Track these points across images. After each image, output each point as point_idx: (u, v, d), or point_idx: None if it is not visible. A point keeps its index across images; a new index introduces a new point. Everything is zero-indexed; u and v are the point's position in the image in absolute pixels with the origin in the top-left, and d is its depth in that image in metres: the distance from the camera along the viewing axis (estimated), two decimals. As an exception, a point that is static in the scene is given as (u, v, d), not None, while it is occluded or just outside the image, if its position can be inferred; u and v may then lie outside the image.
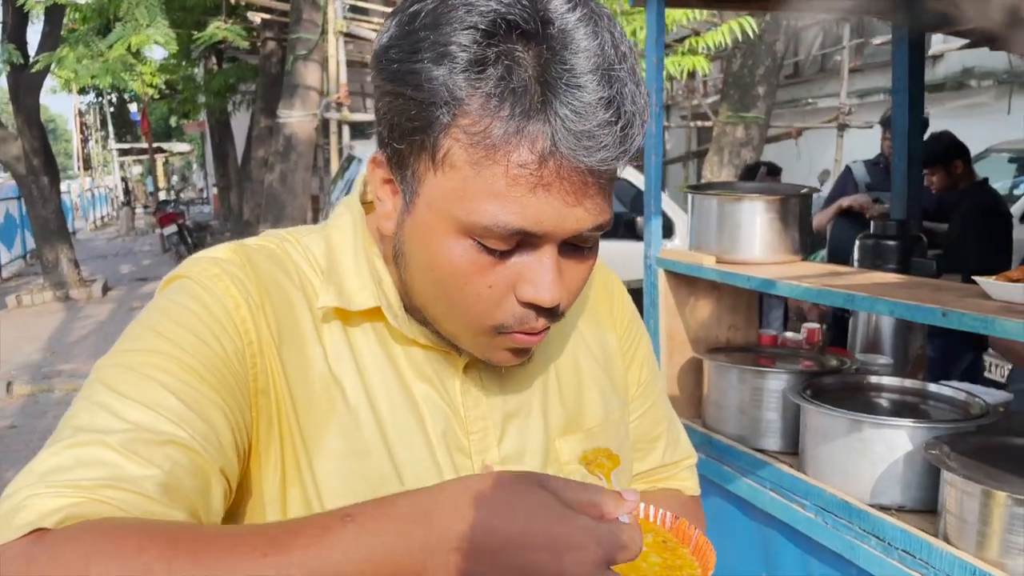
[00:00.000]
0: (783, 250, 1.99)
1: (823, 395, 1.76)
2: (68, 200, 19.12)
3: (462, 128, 0.64)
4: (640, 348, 0.98)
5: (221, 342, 0.70)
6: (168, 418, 0.63)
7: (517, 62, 0.63)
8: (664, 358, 2.15)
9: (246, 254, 0.76)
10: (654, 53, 2.05)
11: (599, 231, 0.70)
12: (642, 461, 0.98)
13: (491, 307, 0.70)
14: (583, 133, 0.62)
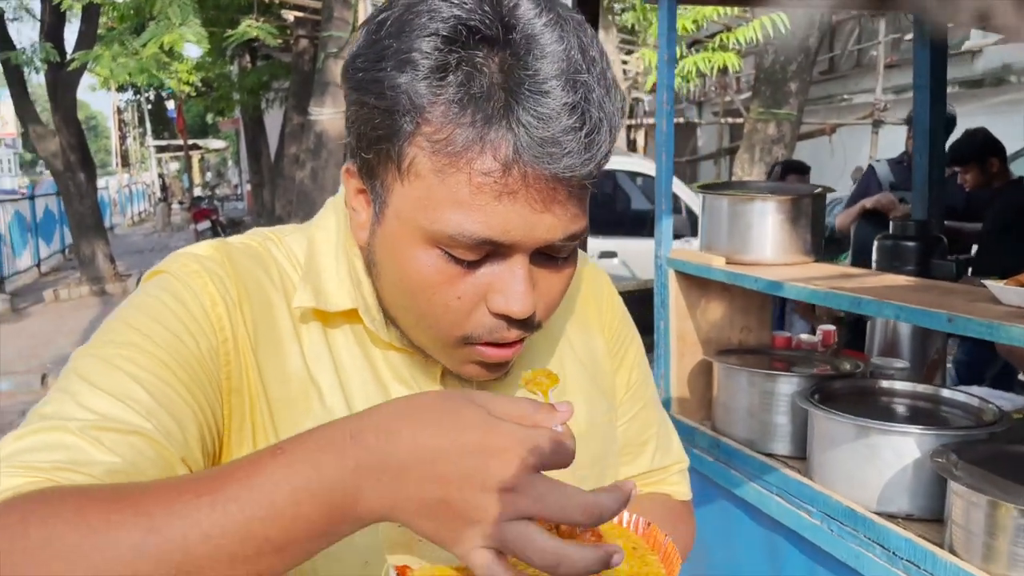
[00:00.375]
0: (795, 251, 1.95)
1: (832, 400, 1.73)
2: (106, 196, 19.49)
3: (425, 136, 0.63)
4: (630, 350, 0.96)
5: (195, 338, 0.69)
6: (135, 410, 0.63)
7: (478, 68, 0.62)
8: (674, 360, 2.13)
9: (227, 251, 0.76)
10: (666, 51, 2.02)
11: (573, 240, 0.68)
12: (631, 465, 0.96)
13: (460, 317, 0.69)
14: (547, 140, 0.61)
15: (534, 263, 0.68)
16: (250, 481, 0.53)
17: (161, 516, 0.52)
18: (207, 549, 0.52)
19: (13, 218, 11.50)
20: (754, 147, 8.44)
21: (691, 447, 2.05)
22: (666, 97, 2.06)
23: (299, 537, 0.54)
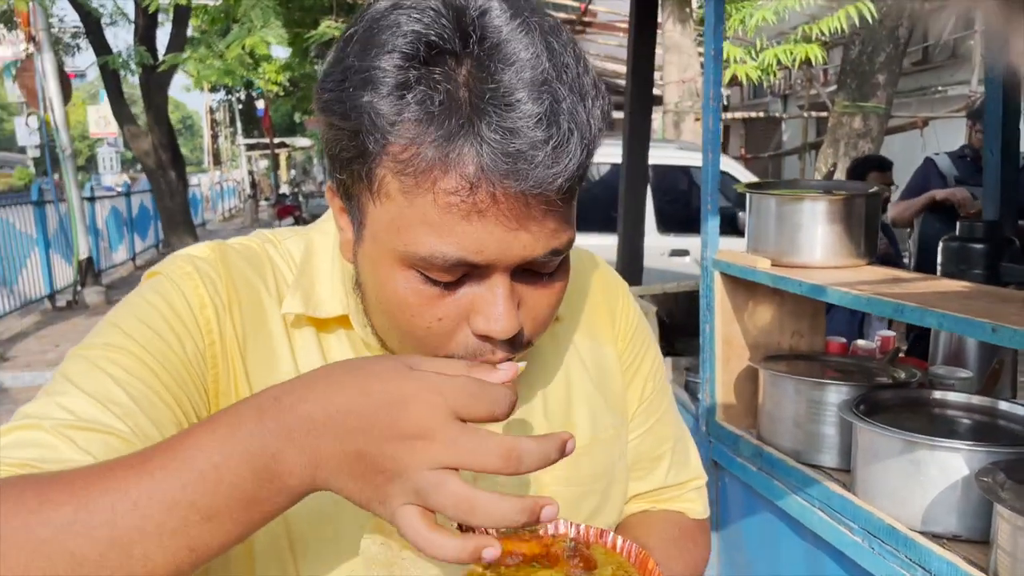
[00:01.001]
0: (845, 254, 1.86)
1: (880, 411, 1.64)
2: (199, 193, 20.29)
3: (391, 156, 0.61)
4: (645, 361, 0.93)
5: (181, 341, 0.70)
6: (112, 411, 0.64)
7: (438, 84, 0.59)
8: (720, 364, 2.06)
9: (223, 253, 0.76)
10: (712, 45, 1.96)
11: (555, 256, 0.65)
12: (643, 480, 0.94)
13: (443, 340, 0.66)
14: (512, 154, 0.58)
15: (519, 280, 0.66)
16: (176, 450, 0.54)
17: (93, 491, 0.52)
18: (135, 520, 0.51)
19: (110, 214, 12.07)
20: (839, 142, 8.15)
21: (734, 455, 1.98)
22: (712, 93, 1.99)
23: (226, 505, 0.53)
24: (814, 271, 1.83)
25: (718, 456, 2.07)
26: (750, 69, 9.01)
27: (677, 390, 2.42)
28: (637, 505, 0.95)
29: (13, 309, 8.26)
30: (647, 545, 0.87)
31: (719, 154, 2.00)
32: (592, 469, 0.84)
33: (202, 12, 9.77)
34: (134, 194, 13.68)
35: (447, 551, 0.52)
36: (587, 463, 0.83)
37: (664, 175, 6.62)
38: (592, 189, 5.99)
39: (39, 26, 8.38)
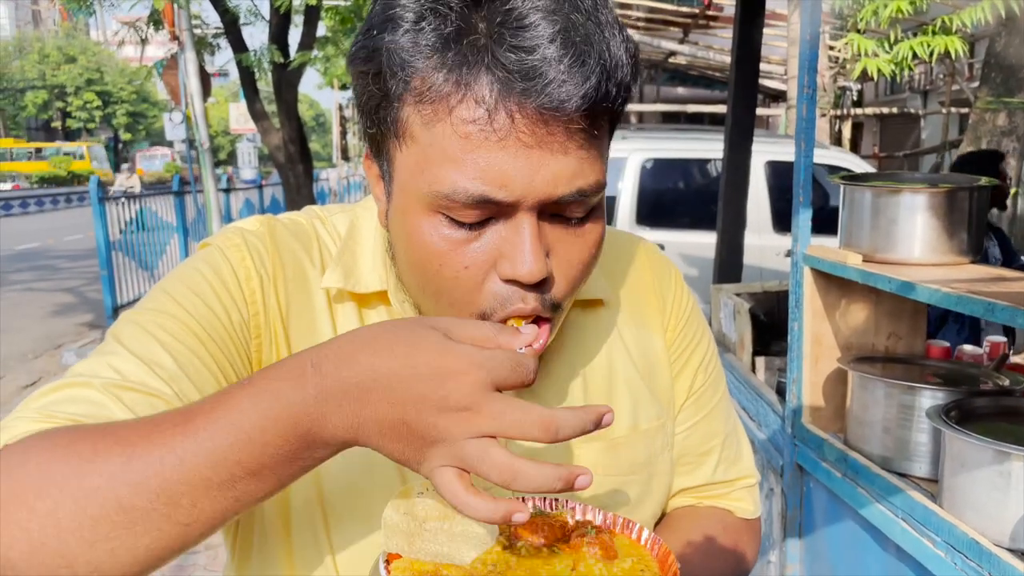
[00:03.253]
0: (946, 250, 1.74)
1: (973, 419, 1.53)
2: (326, 187, 21.13)
3: (413, 93, 0.62)
4: (696, 352, 0.90)
5: (227, 310, 0.72)
6: (158, 374, 0.66)
7: (453, 9, 0.60)
8: (808, 364, 1.97)
9: (271, 227, 0.78)
10: (808, 30, 1.87)
11: (583, 196, 0.63)
12: (689, 476, 0.91)
13: (471, 291, 0.66)
14: (526, 71, 0.58)
15: (548, 225, 0.65)
16: (218, 412, 0.56)
17: (140, 445, 0.55)
18: (182, 474, 0.54)
19: (244, 205, 12.76)
20: (980, 139, 7.63)
21: (819, 460, 1.90)
22: (807, 81, 1.90)
23: (271, 462, 0.55)
24: (909, 268, 1.72)
25: (803, 460, 1.98)
26: (882, 63, 8.55)
27: (767, 391, 2.33)
28: (684, 500, 0.93)
29: (153, 291, 8.87)
30: (688, 541, 0.85)
31: (812, 145, 1.91)
32: (631, 459, 0.82)
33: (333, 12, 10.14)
34: (266, 187, 14.43)
35: (481, 512, 0.54)
36: (626, 453, 0.82)
37: (784, 172, 6.37)
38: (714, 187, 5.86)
39: (182, 26, 8.95)
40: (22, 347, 7.64)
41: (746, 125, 3.08)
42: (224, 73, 21.25)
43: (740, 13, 3.02)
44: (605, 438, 0.80)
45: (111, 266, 7.55)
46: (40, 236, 18.63)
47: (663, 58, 13.59)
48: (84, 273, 12.15)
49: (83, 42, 51.85)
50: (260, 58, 9.72)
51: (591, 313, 0.84)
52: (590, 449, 0.79)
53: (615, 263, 0.88)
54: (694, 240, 5.80)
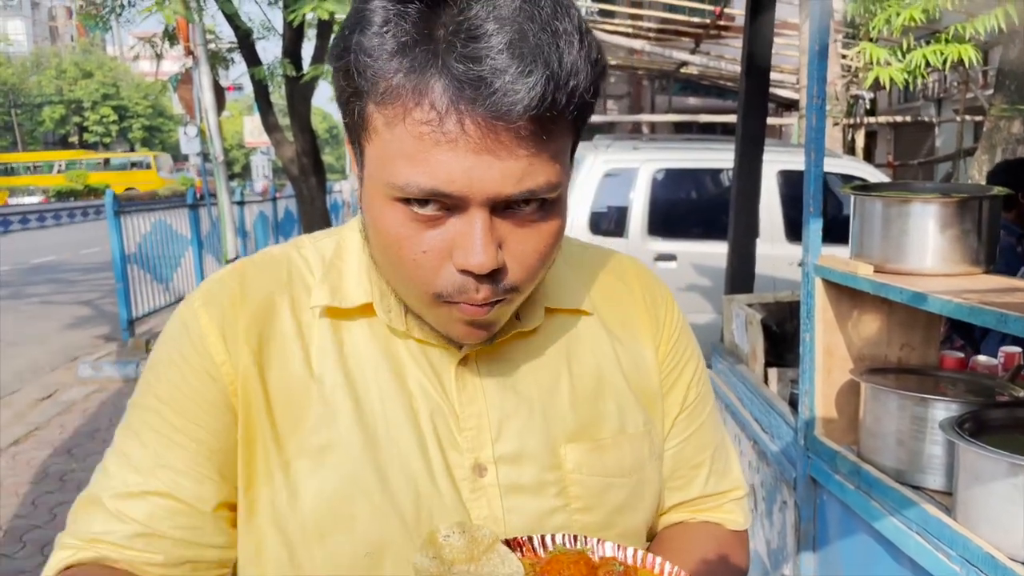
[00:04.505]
0: (959, 260, 1.72)
1: (988, 431, 1.51)
2: (340, 199, 21.21)
3: (376, 93, 0.65)
4: (688, 367, 0.93)
5: (198, 384, 0.77)
6: (159, 477, 0.76)
7: (412, 18, 0.63)
8: (820, 376, 1.95)
9: (241, 270, 0.82)
10: (817, 41, 1.87)
11: (531, 195, 0.67)
12: (682, 491, 0.94)
13: (429, 274, 0.69)
14: (475, 80, 0.61)
15: (502, 219, 0.68)
16: None
17: None
18: None
19: (258, 218, 12.84)
20: (995, 147, 7.58)
21: (832, 472, 1.88)
22: (816, 90, 1.89)
23: None
24: (922, 279, 1.71)
25: (816, 472, 1.97)
26: (895, 72, 8.52)
27: (779, 403, 2.32)
28: (676, 515, 0.95)
29: (168, 304, 8.91)
30: (688, 560, 0.87)
31: (822, 155, 1.91)
32: (618, 462, 0.83)
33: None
34: (280, 199, 14.50)
35: None
36: (613, 455, 0.83)
37: (796, 182, 6.35)
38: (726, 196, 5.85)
39: (197, 41, 9.03)
40: (38, 360, 7.71)
41: (757, 135, 3.07)
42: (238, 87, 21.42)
43: (749, 23, 3.01)
44: (593, 438, 0.82)
45: (127, 279, 7.61)
46: (57, 249, 18.81)
47: (675, 68, 13.59)
48: (100, 286, 12.26)
49: (100, 57, 52.45)
50: (273, 72, 9.80)
51: (577, 320, 0.86)
52: (575, 449, 0.80)
53: (603, 279, 0.91)
54: (706, 250, 5.79)
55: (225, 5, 8.95)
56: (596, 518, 0.80)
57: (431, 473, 0.76)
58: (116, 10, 9.89)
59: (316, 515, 0.74)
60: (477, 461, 0.77)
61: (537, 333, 0.83)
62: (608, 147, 6.18)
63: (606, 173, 5.96)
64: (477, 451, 0.78)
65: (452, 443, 0.77)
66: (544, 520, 0.78)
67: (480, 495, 0.77)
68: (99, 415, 5.86)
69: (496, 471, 0.77)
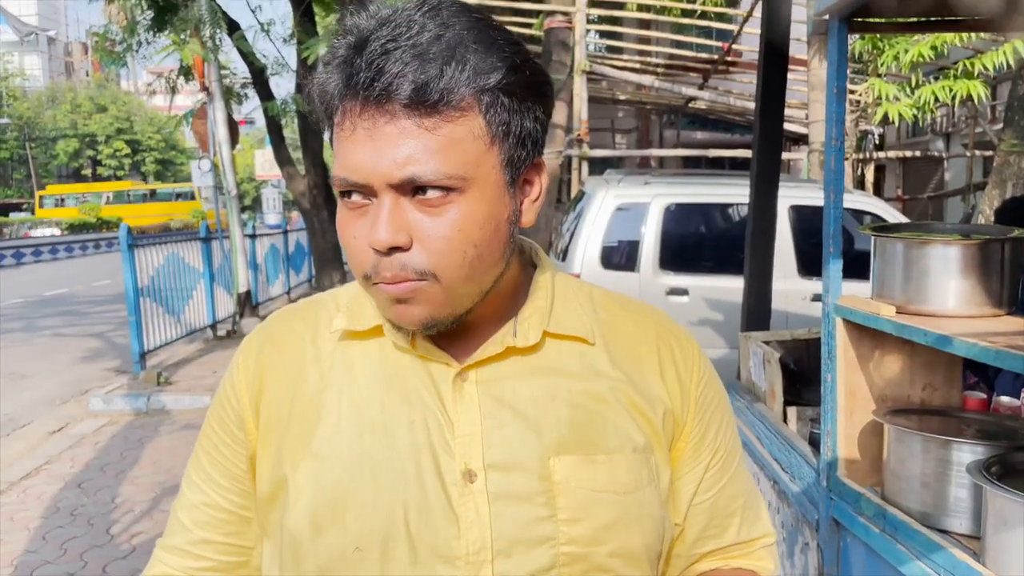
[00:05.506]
0: (981, 302, 1.72)
1: (1015, 474, 1.50)
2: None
3: (326, 113, 0.79)
4: (716, 416, 0.94)
5: (231, 433, 0.91)
6: (204, 490, 0.93)
7: (341, 54, 0.77)
8: (842, 417, 1.95)
9: (281, 316, 0.96)
10: (835, 82, 1.89)
11: (416, 180, 0.74)
12: (717, 539, 0.96)
13: (359, 256, 0.79)
14: (364, 82, 0.73)
15: (413, 206, 0.76)
16: None
17: None
18: None
19: (269, 250, 12.91)
20: (1005, 183, 7.58)
21: (856, 514, 1.86)
22: (835, 132, 1.91)
23: None
24: (944, 320, 1.71)
25: (839, 514, 1.95)
26: (903, 107, 8.56)
27: (800, 443, 2.30)
28: (709, 563, 0.97)
29: (179, 336, 8.94)
30: None
31: (841, 196, 1.92)
32: (610, 479, 0.84)
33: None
34: (291, 232, 14.60)
35: None
36: (604, 471, 0.84)
37: (808, 216, 6.36)
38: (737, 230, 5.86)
39: (212, 77, 9.17)
40: (49, 392, 7.72)
41: (772, 175, 3.09)
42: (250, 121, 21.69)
43: (764, 59, 3.04)
44: (582, 453, 0.84)
45: (139, 312, 7.64)
46: (69, 282, 18.93)
47: (683, 103, 13.70)
48: (112, 318, 12.31)
49: (114, 92, 53.20)
50: (286, 107, 9.93)
51: (579, 347, 0.89)
52: (564, 461, 0.83)
53: (618, 319, 0.93)
54: (718, 284, 5.78)
55: (241, 43, 9.10)
56: (584, 531, 0.82)
57: (421, 476, 0.81)
58: (133, 48, 10.06)
59: (314, 511, 0.82)
60: (468, 467, 0.81)
61: (535, 353, 0.86)
62: (619, 182, 6.21)
63: (617, 207, 5.99)
64: (468, 458, 0.81)
65: (445, 448, 0.82)
66: (531, 528, 0.81)
67: (468, 499, 0.81)
68: (110, 449, 5.85)
69: (485, 477, 0.81)
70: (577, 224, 6.12)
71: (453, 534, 0.79)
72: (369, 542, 0.80)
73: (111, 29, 11.49)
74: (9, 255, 24.98)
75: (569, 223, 6.61)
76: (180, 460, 5.51)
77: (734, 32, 11.78)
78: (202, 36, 8.53)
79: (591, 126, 11.08)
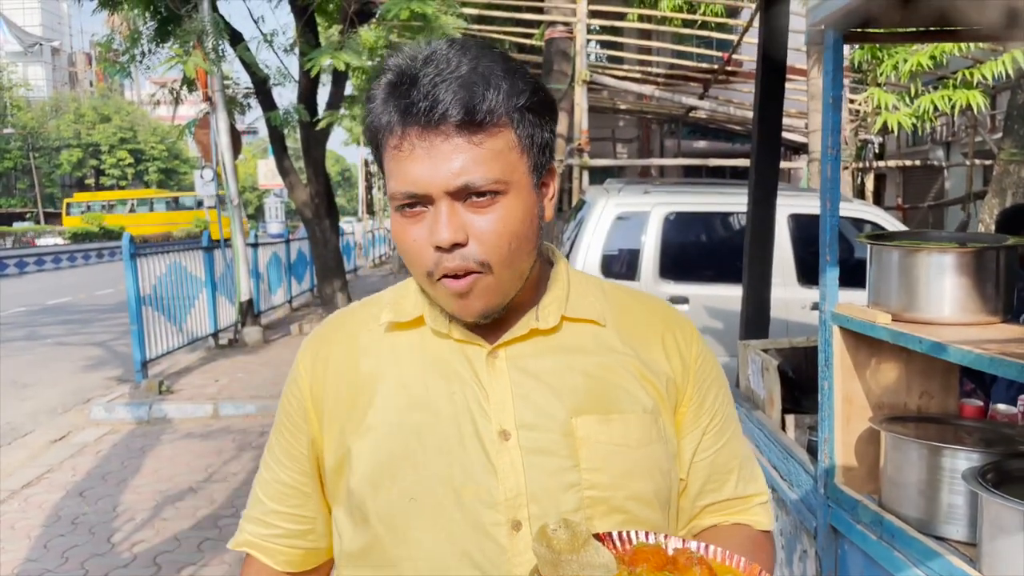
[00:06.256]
0: (977, 310, 1.73)
1: (1011, 481, 1.51)
2: (351, 241, 21.36)
3: (380, 139, 0.94)
4: (713, 386, 1.09)
5: (295, 422, 1.07)
6: (275, 468, 1.10)
7: (386, 85, 0.92)
8: (839, 424, 1.95)
9: (333, 319, 1.11)
10: (831, 92, 1.90)
11: (471, 187, 0.88)
12: (716, 492, 1.09)
13: (419, 257, 0.92)
14: (407, 109, 0.88)
15: (465, 208, 0.90)
16: None
17: None
18: None
19: (271, 259, 12.94)
20: (1005, 192, 7.59)
21: (854, 522, 1.87)
22: (831, 141, 1.93)
23: None
24: (940, 328, 1.72)
25: (836, 521, 1.95)
26: (902, 116, 8.58)
27: (798, 451, 2.31)
28: (709, 519, 1.09)
29: (181, 345, 8.95)
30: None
31: (838, 204, 1.93)
32: (624, 434, 0.98)
33: (360, 72, 10.41)
34: (293, 241, 14.62)
35: None
36: (619, 428, 0.98)
37: (807, 225, 6.37)
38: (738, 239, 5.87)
39: (215, 87, 9.21)
40: (52, 401, 7.74)
41: (770, 182, 3.10)
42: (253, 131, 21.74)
43: (762, 69, 3.06)
44: (599, 413, 0.98)
45: (141, 321, 7.66)
46: (72, 291, 18.96)
47: (684, 113, 13.74)
48: (114, 327, 12.33)
49: (117, 102, 53.37)
50: (289, 117, 9.96)
51: (592, 328, 1.03)
52: (585, 420, 0.97)
53: (626, 305, 1.08)
54: (718, 293, 5.79)
55: (244, 54, 9.14)
56: (603, 478, 0.96)
57: (462, 437, 0.96)
58: (137, 58, 10.10)
59: (372, 473, 0.97)
60: (502, 427, 0.96)
61: (555, 334, 1.01)
62: (620, 191, 6.23)
63: (618, 216, 6.00)
64: (502, 420, 0.96)
65: (482, 414, 0.96)
66: (559, 476, 0.95)
67: (504, 454, 0.95)
68: (111, 457, 5.86)
69: (518, 435, 0.96)
70: (577, 233, 6.13)
71: (493, 483, 0.94)
72: (421, 494, 0.95)
73: (114, 39, 11.54)
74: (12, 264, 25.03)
75: (570, 232, 6.62)
76: (181, 469, 5.51)
77: (734, 42, 11.82)
78: (205, 47, 8.57)
79: (592, 136, 11.11)
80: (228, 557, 4.07)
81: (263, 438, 6.24)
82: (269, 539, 1.09)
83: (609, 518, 0.95)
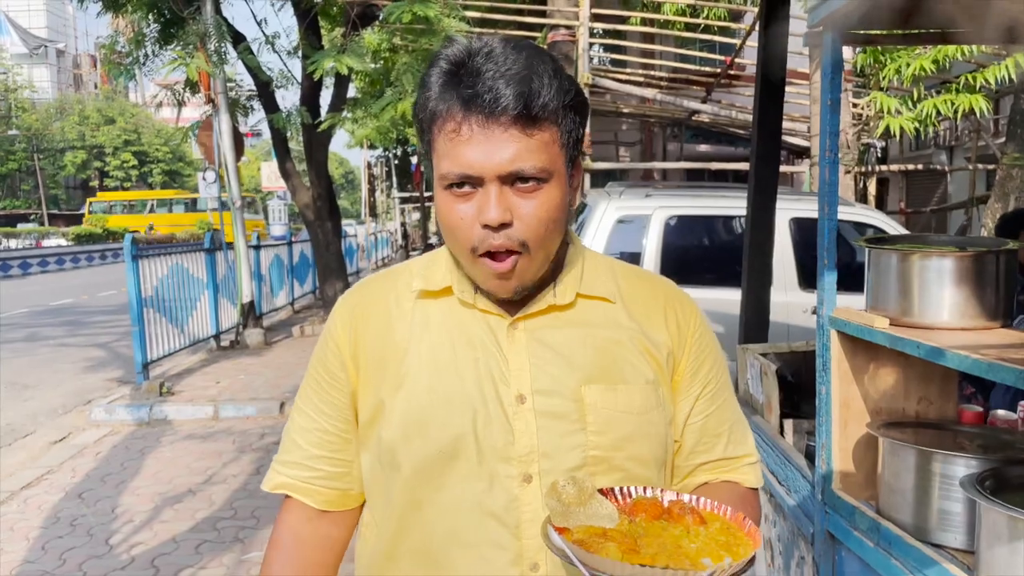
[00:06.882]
0: (975, 315, 1.72)
1: (1010, 488, 1.49)
2: (355, 243, 21.36)
3: (430, 118, 1.02)
4: (709, 357, 1.19)
5: (332, 368, 1.16)
6: (312, 416, 1.18)
7: (443, 73, 1.01)
8: (837, 429, 1.94)
9: (365, 282, 1.21)
10: (828, 95, 1.89)
11: (522, 173, 0.98)
12: (707, 452, 1.19)
13: (466, 232, 1.01)
14: (474, 97, 0.97)
15: (512, 192, 0.99)
16: None
17: None
18: None
19: (273, 261, 12.94)
20: (1008, 196, 7.58)
21: (851, 528, 1.85)
22: (829, 144, 1.91)
23: None
24: (938, 332, 1.70)
25: (834, 528, 1.94)
26: (905, 121, 8.56)
27: (796, 456, 2.29)
28: (701, 476, 1.19)
29: (183, 347, 8.95)
30: None
31: (836, 208, 1.92)
32: (628, 402, 1.09)
33: (363, 75, 10.42)
34: (295, 243, 14.62)
35: None
36: (623, 396, 1.09)
37: (809, 229, 6.35)
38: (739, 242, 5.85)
39: (218, 89, 9.22)
40: (52, 402, 7.74)
41: (769, 186, 3.08)
42: (256, 133, 21.76)
43: (761, 71, 3.05)
44: (606, 382, 1.08)
45: (143, 322, 7.65)
46: (74, 292, 18.99)
47: (686, 116, 13.72)
48: (115, 328, 12.34)
49: (122, 104, 53.51)
50: (291, 119, 9.97)
51: (603, 305, 1.14)
52: (593, 389, 1.08)
53: (634, 284, 1.19)
54: (719, 296, 5.77)
55: (247, 58, 9.15)
56: (606, 440, 1.07)
57: (484, 399, 1.06)
58: (140, 60, 10.12)
59: (404, 424, 1.07)
60: (520, 392, 1.06)
61: (570, 310, 1.11)
62: (621, 194, 6.21)
63: (619, 219, 5.99)
64: (520, 385, 1.07)
65: (502, 379, 1.07)
66: (567, 437, 1.06)
67: (520, 416, 1.06)
68: (111, 459, 5.86)
69: (533, 400, 1.06)
70: (579, 235, 6.12)
71: (509, 441, 1.05)
72: (447, 446, 1.05)
73: (118, 41, 11.56)
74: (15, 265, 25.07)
75: (571, 235, 6.59)
76: (181, 471, 5.51)
77: (737, 46, 11.80)
78: (208, 49, 8.58)
79: (594, 139, 11.11)
80: (226, 559, 4.06)
81: (263, 440, 6.24)
82: (310, 480, 1.17)
83: (609, 475, 1.06)
